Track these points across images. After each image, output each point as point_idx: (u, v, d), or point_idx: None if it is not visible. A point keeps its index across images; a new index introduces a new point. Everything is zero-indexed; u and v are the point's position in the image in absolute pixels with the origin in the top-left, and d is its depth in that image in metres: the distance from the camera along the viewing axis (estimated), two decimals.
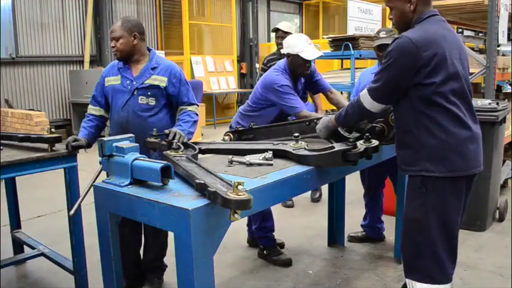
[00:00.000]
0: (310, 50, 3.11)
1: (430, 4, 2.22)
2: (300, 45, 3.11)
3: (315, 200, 4.90)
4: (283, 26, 4.45)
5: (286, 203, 4.70)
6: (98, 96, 2.93)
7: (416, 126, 2.11)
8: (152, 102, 2.80)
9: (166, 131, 2.61)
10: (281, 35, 4.30)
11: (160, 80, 2.80)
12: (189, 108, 2.88)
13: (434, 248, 2.14)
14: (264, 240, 3.46)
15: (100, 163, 2.18)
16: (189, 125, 2.79)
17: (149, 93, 2.79)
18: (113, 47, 2.80)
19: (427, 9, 2.18)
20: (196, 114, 2.90)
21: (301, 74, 3.24)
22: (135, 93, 2.78)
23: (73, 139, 2.73)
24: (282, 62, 3.28)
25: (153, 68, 2.81)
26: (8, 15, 8.68)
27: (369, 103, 2.22)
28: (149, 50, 2.90)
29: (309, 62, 3.16)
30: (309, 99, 4.32)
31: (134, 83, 2.79)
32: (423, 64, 2.03)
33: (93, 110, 2.95)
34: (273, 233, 3.50)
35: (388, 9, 2.31)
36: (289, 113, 3.23)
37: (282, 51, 3.30)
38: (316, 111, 4.17)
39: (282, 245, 3.68)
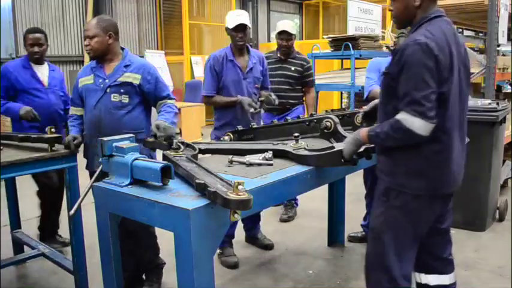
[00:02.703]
0: (234, 19, 3.29)
1: (436, 1, 2.06)
2: (228, 17, 3.35)
3: (285, 220, 4.35)
4: (289, 28, 4.10)
5: (282, 217, 4.36)
6: (76, 99, 2.93)
7: None
8: (125, 99, 2.77)
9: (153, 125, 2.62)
10: (286, 37, 4.06)
11: (134, 78, 2.78)
12: (169, 101, 2.89)
13: (385, 260, 2.05)
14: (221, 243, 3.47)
15: (100, 163, 2.18)
16: (171, 115, 2.80)
17: (122, 90, 2.77)
18: (86, 45, 2.78)
19: (433, 7, 2.02)
20: (176, 107, 2.91)
21: (235, 45, 3.36)
22: (108, 91, 2.76)
23: (72, 138, 2.73)
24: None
25: (126, 66, 2.80)
26: (8, 15, 8.67)
27: (421, 126, 1.86)
28: (122, 49, 2.90)
29: (238, 32, 3.29)
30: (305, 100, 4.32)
31: (107, 81, 2.77)
32: (439, 70, 1.88)
33: (74, 110, 2.96)
34: (232, 239, 3.51)
35: (388, 8, 2.25)
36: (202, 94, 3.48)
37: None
38: (306, 110, 4.24)
39: (271, 246, 3.69)
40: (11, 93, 3.41)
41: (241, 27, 3.26)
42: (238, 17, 3.30)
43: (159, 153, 3.04)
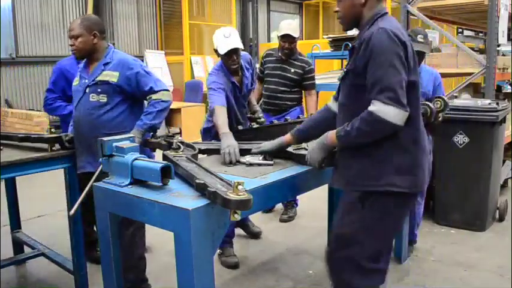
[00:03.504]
0: (224, 43, 3.02)
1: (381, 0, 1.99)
2: (216, 41, 3.07)
3: (285, 220, 4.37)
4: (293, 30, 3.92)
5: (282, 217, 4.37)
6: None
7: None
8: (103, 99, 2.69)
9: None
10: (289, 40, 3.91)
11: (111, 75, 2.69)
12: (154, 96, 2.73)
13: (360, 263, 1.99)
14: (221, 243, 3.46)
15: (100, 163, 2.18)
16: (150, 117, 2.69)
17: (99, 89, 2.70)
18: (71, 45, 2.73)
19: (378, 5, 1.97)
20: (163, 101, 2.74)
21: (229, 68, 3.13)
22: (87, 91, 2.73)
23: (65, 135, 2.70)
24: (219, 62, 3.23)
25: (106, 64, 2.74)
26: (8, 15, 8.66)
27: (396, 114, 1.80)
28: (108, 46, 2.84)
29: (230, 55, 3.05)
30: (304, 102, 4.28)
31: (86, 81, 2.75)
32: (407, 58, 1.85)
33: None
34: (232, 239, 3.50)
35: (389, 8, 2.25)
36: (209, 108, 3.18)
37: None
38: (302, 113, 4.11)
39: (259, 234, 3.82)
40: (69, 94, 3.22)
41: (233, 51, 3.05)
42: (227, 39, 3.03)
43: (158, 154, 3.05)
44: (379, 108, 1.79)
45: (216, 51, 3.10)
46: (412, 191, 1.96)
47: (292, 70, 4.03)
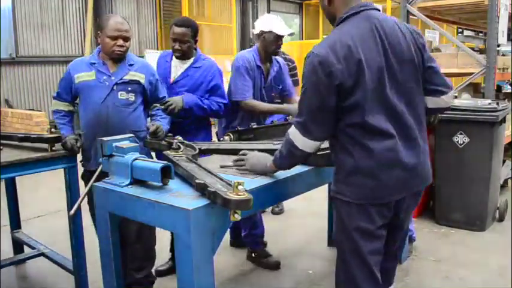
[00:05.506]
0: (282, 26, 3.19)
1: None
2: (274, 21, 3.20)
3: (277, 212, 4.58)
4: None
5: (274, 210, 4.56)
6: (63, 93, 2.84)
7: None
8: (132, 98, 2.77)
9: (149, 125, 2.68)
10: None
11: (139, 76, 2.79)
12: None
13: (350, 275, 1.89)
14: (253, 244, 3.45)
15: (100, 163, 2.18)
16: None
17: (129, 88, 2.76)
18: (121, 45, 2.72)
19: (348, 4, 1.83)
20: None
21: (272, 52, 3.25)
22: (115, 88, 2.73)
23: (74, 140, 2.68)
24: (254, 47, 3.32)
25: (131, 65, 2.80)
26: (8, 15, 8.67)
27: (300, 140, 1.83)
28: None
29: (281, 39, 3.20)
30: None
31: (112, 78, 2.74)
32: (337, 82, 1.70)
33: (61, 106, 2.86)
34: (263, 238, 3.50)
35: (388, 8, 2.18)
36: (232, 98, 3.17)
37: (254, 31, 3.32)
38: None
39: (264, 245, 3.67)
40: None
41: (282, 37, 3.22)
42: (284, 25, 3.21)
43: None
44: (291, 131, 1.86)
45: (261, 33, 3.18)
46: (359, 202, 1.82)
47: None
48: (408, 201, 1.93)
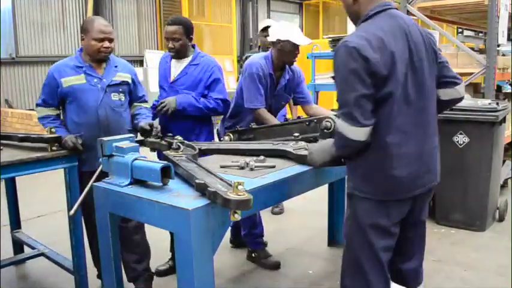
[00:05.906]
0: (301, 36, 3.05)
1: None
2: (292, 30, 3.06)
3: (277, 212, 4.54)
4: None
5: (274, 210, 4.54)
6: (49, 99, 2.81)
7: None
8: (122, 98, 2.84)
9: (142, 124, 2.75)
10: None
11: (126, 77, 2.86)
12: (144, 105, 3.00)
13: (359, 268, 1.93)
14: (253, 244, 3.45)
15: (100, 163, 2.18)
16: (150, 119, 2.89)
17: (120, 89, 2.83)
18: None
19: (375, 2, 1.86)
20: (150, 111, 3.02)
21: (289, 62, 3.11)
22: (107, 90, 2.77)
23: (75, 138, 2.67)
24: (267, 53, 3.18)
25: (115, 66, 2.85)
26: (8, 15, 8.67)
27: (351, 131, 1.78)
28: None
29: (297, 49, 3.06)
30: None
31: (104, 80, 2.76)
32: (372, 71, 1.73)
33: (49, 111, 2.83)
34: (263, 238, 3.49)
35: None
36: (245, 106, 3.11)
37: (269, 38, 3.17)
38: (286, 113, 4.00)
39: (264, 245, 3.65)
40: None
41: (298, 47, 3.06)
42: (303, 35, 3.09)
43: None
44: (339, 123, 1.84)
45: (278, 40, 3.01)
46: (377, 198, 1.87)
47: None
48: (423, 196, 1.99)
